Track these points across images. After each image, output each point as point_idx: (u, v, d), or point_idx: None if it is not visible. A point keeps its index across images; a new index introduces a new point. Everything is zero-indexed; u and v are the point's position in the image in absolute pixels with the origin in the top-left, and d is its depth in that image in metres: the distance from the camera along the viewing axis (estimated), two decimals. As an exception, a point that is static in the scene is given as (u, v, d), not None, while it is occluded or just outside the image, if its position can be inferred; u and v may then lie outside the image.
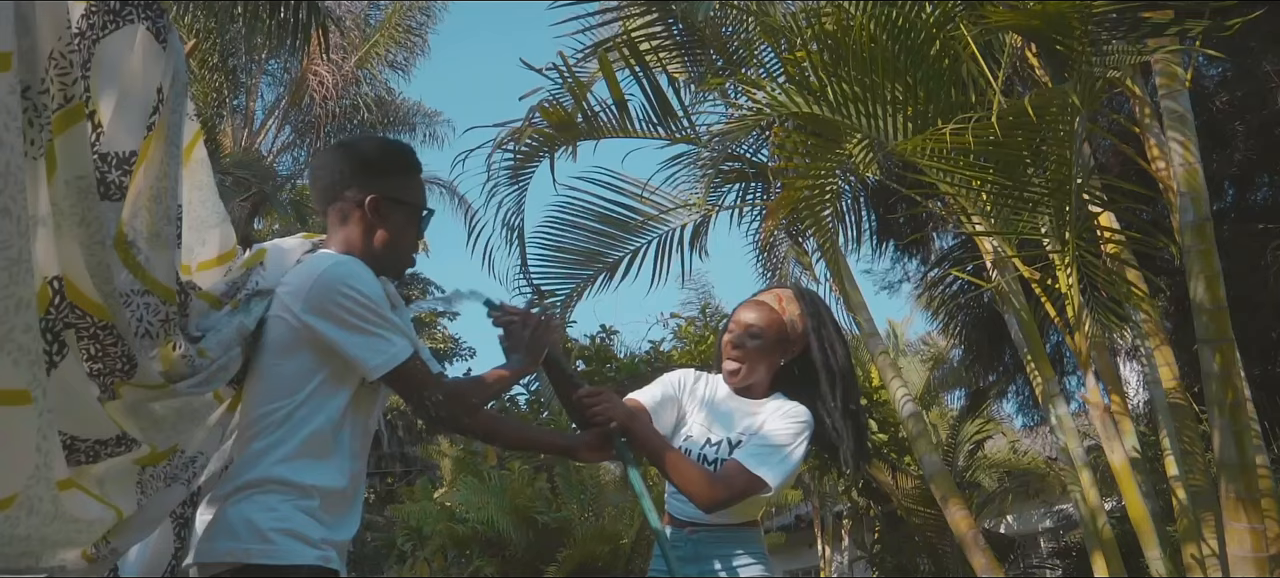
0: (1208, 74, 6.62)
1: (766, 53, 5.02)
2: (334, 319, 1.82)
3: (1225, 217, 6.70)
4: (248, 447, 1.82)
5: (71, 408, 1.56)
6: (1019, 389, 9.78)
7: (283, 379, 1.84)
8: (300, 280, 1.88)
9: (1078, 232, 3.69)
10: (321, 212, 2.03)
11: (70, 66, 1.44)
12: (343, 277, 1.85)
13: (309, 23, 6.64)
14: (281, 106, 16.42)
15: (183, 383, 1.73)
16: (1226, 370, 3.72)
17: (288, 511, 1.76)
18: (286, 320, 1.86)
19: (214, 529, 1.79)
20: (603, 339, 9.88)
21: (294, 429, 1.81)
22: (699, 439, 2.51)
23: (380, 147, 2.14)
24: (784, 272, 7.26)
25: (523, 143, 5.23)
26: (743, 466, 2.33)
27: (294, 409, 1.82)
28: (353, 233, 1.97)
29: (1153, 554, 4.10)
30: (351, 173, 1.98)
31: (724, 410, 2.52)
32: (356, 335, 1.83)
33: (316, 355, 1.85)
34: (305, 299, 1.84)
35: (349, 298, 1.83)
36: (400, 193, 2.00)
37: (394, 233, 1.98)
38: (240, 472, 1.81)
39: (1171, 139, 3.93)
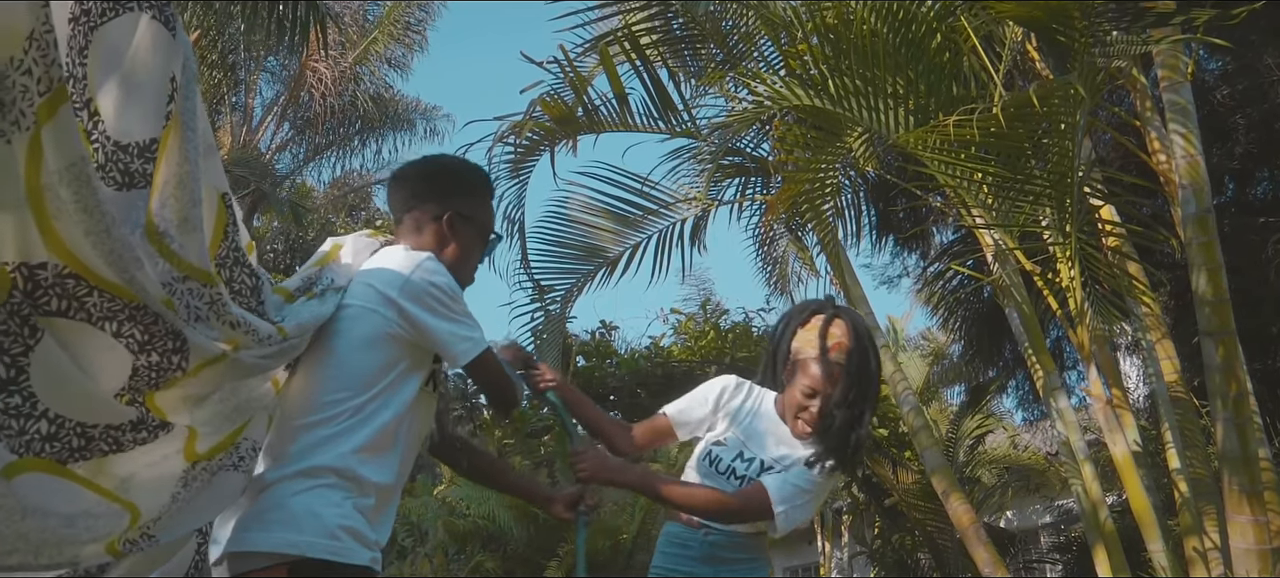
0: (1208, 68, 6.61)
1: (767, 46, 5.01)
2: (428, 306, 1.92)
3: (1225, 211, 6.69)
4: (311, 433, 1.83)
5: (65, 392, 1.52)
6: (1019, 384, 9.79)
7: (359, 371, 1.89)
8: (393, 271, 1.96)
9: (1079, 225, 3.69)
10: (397, 217, 2.15)
11: (49, 47, 1.39)
12: (436, 268, 1.97)
13: (307, 20, 6.63)
14: (280, 104, 16.40)
15: (248, 352, 1.72)
16: (1229, 363, 3.71)
17: (349, 509, 1.79)
18: (375, 312, 1.92)
19: (269, 516, 1.76)
20: (603, 335, 9.87)
21: (365, 421, 1.86)
22: (731, 450, 2.54)
23: (464, 167, 2.28)
24: (784, 266, 7.26)
25: (523, 137, 5.23)
26: (768, 498, 2.41)
27: (367, 401, 1.87)
28: (426, 242, 2.08)
29: (1155, 547, 4.10)
30: (434, 186, 2.13)
31: (764, 431, 2.56)
32: (448, 323, 1.94)
33: (399, 348, 1.92)
34: (402, 288, 1.92)
35: (442, 288, 1.94)
36: (475, 212, 2.15)
37: (463, 249, 2.12)
38: (302, 456, 1.81)
39: (1173, 132, 3.92)
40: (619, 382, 9.12)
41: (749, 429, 2.56)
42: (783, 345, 2.55)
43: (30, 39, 1.36)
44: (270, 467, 1.84)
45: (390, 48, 16.06)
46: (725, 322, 10.06)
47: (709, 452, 2.56)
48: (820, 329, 2.47)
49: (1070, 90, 3.13)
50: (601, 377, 9.14)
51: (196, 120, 1.65)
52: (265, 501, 1.79)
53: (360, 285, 1.97)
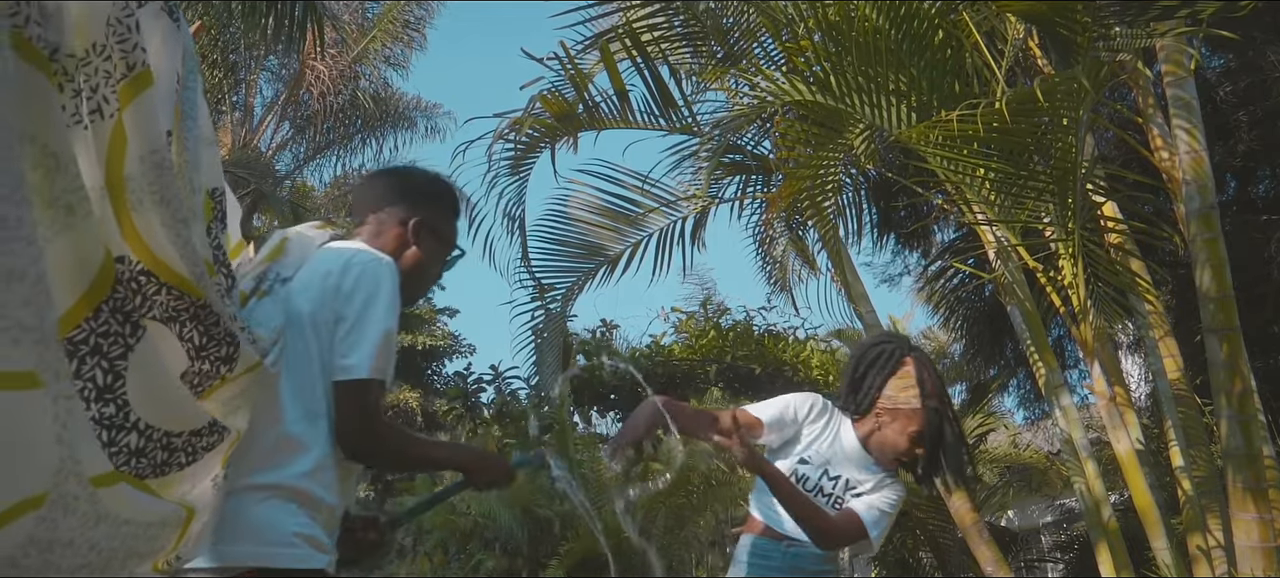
0: (1211, 66, 6.60)
1: (768, 43, 4.99)
2: (350, 302, 1.83)
3: (1228, 209, 6.66)
4: (265, 447, 1.75)
5: (155, 398, 1.47)
6: (1020, 383, 9.78)
7: (309, 381, 1.81)
8: (342, 260, 1.88)
9: (1082, 221, 3.67)
10: (359, 218, 2.08)
11: (129, 31, 1.36)
12: (390, 271, 1.88)
13: (304, 20, 6.61)
14: (280, 103, 16.39)
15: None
16: (1233, 360, 3.70)
17: (305, 519, 1.77)
18: (319, 308, 1.84)
19: (234, 528, 1.71)
20: (603, 334, 9.86)
21: (316, 439, 1.79)
22: (816, 468, 2.74)
23: (437, 181, 2.22)
24: (785, 265, 7.24)
25: (524, 133, 5.21)
26: (862, 525, 2.65)
27: (318, 416, 1.80)
28: (386, 244, 2.02)
29: (1158, 546, 4.08)
30: (402, 193, 2.08)
31: (847, 454, 2.76)
32: (354, 328, 1.81)
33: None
34: (342, 275, 1.84)
35: (381, 292, 1.84)
36: (441, 225, 2.10)
37: (423, 258, 2.06)
38: (256, 472, 1.75)
39: (1177, 127, 3.91)
40: (619, 380, 9.10)
41: (832, 451, 2.76)
42: (872, 388, 2.73)
43: (109, 24, 1.34)
44: (235, 476, 1.75)
45: (389, 46, 16.04)
46: (726, 321, 10.04)
47: (795, 471, 2.73)
48: (917, 378, 2.69)
49: (1074, 85, 3.12)
50: (602, 375, 9.13)
51: (197, 111, 1.62)
52: (225, 513, 1.71)
53: (306, 282, 1.88)
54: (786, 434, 2.80)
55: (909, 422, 2.68)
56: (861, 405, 2.76)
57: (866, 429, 2.76)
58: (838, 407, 2.84)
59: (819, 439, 2.77)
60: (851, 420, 2.80)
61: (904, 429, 2.69)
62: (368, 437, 1.85)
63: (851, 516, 2.66)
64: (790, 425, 2.78)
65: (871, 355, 2.79)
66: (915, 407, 2.68)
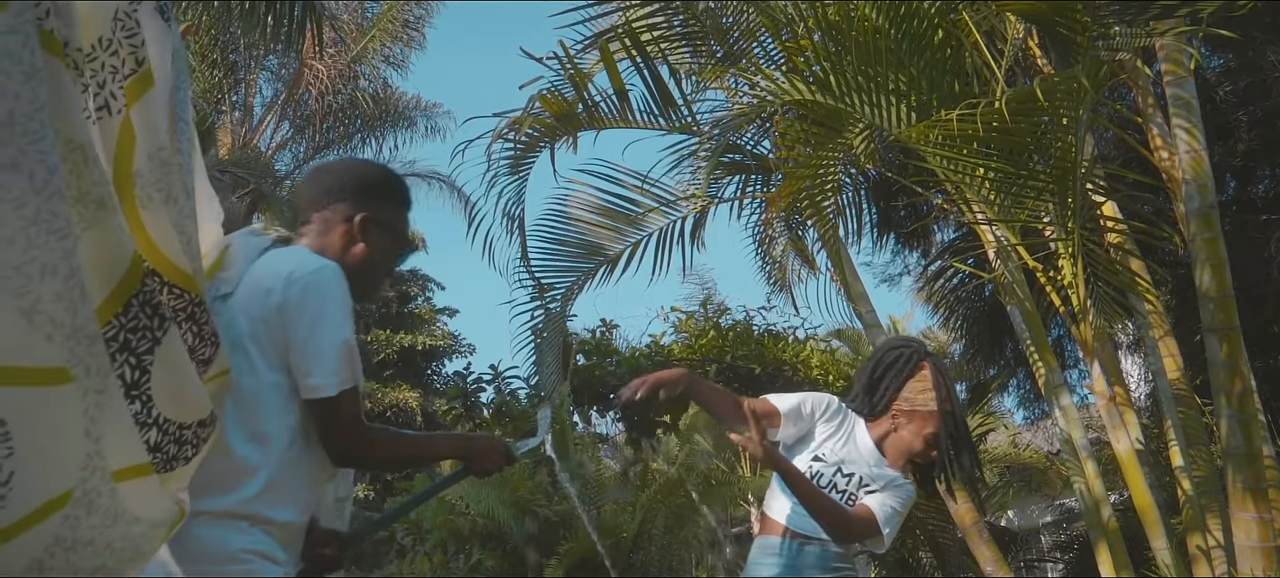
0: (1210, 65, 6.59)
1: (768, 43, 4.99)
2: (300, 315, 1.75)
3: (1227, 209, 6.66)
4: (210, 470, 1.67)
5: (179, 392, 1.46)
6: (1020, 383, 9.77)
7: (254, 400, 1.75)
8: (283, 271, 1.79)
9: (1082, 221, 3.67)
10: (305, 216, 2.00)
11: (135, 28, 1.34)
12: (335, 277, 1.80)
13: (304, 19, 6.61)
14: (279, 102, 16.38)
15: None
16: (1233, 359, 3.69)
17: (259, 534, 1.72)
18: (262, 322, 1.76)
19: (180, 551, 1.66)
20: (603, 333, 9.85)
21: (267, 460, 1.73)
22: (830, 466, 2.80)
23: (383, 173, 2.14)
24: (784, 265, 7.24)
25: (523, 133, 5.21)
26: (876, 521, 2.72)
27: (266, 436, 1.74)
28: (332, 242, 1.95)
29: (1158, 545, 4.08)
30: (347, 187, 1.99)
31: (861, 454, 2.83)
32: (315, 342, 1.75)
33: (279, 361, 1.77)
34: (285, 288, 1.76)
35: (331, 299, 1.77)
36: (390, 220, 2.02)
37: (372, 255, 1.97)
38: (210, 497, 1.67)
39: (1177, 126, 3.90)
40: (619, 380, 9.09)
41: (846, 450, 2.83)
42: (887, 390, 2.82)
43: (116, 19, 1.33)
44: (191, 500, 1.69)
45: (388, 45, 16.03)
46: (726, 321, 10.03)
47: (809, 467, 2.79)
48: (933, 383, 2.77)
49: (1074, 84, 3.11)
50: (602, 375, 9.11)
51: (187, 111, 1.62)
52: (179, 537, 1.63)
53: (247, 293, 1.79)
54: (801, 429, 2.86)
55: (924, 423, 2.77)
56: (878, 407, 2.84)
57: (882, 430, 2.84)
58: (851, 408, 2.90)
59: (833, 438, 2.84)
60: (866, 421, 2.87)
61: (919, 431, 2.78)
62: (354, 445, 1.82)
63: (866, 511, 2.74)
64: (806, 420, 2.85)
65: (889, 358, 2.87)
66: (932, 409, 2.76)
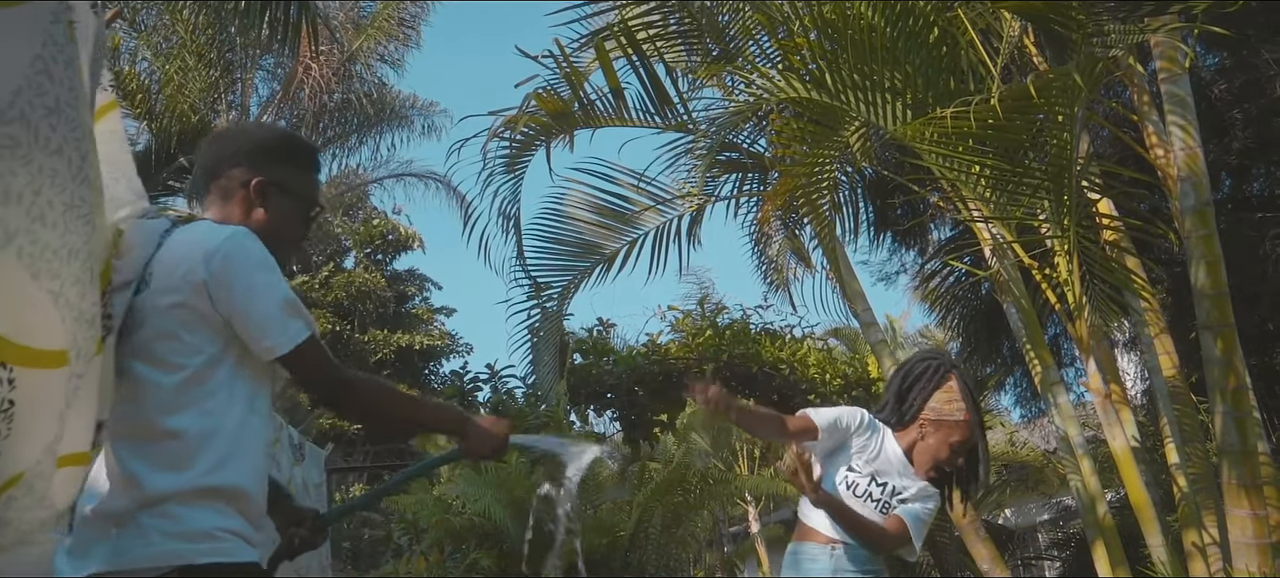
0: (1206, 63, 6.60)
1: (764, 41, 4.99)
2: (235, 283, 1.71)
3: (1222, 207, 6.66)
4: (154, 458, 1.65)
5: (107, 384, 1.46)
6: (1016, 382, 9.76)
7: (187, 380, 1.69)
8: (197, 246, 1.73)
9: (1077, 218, 3.67)
10: (204, 189, 1.93)
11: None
12: (247, 237, 1.76)
13: (299, 20, 6.60)
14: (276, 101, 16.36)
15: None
16: (1228, 357, 3.70)
17: (232, 512, 1.69)
18: (182, 305, 1.70)
19: (149, 527, 1.63)
20: (600, 332, 9.85)
21: (209, 436, 1.67)
22: (864, 476, 2.96)
23: (279, 135, 2.09)
24: (781, 263, 7.24)
25: (519, 131, 5.21)
26: (909, 530, 2.92)
27: (203, 414, 1.68)
28: (232, 211, 1.88)
29: (1154, 542, 4.09)
30: (242, 153, 1.91)
31: (892, 463, 2.98)
32: (258, 304, 1.72)
33: (221, 338, 1.72)
34: (206, 263, 1.70)
35: (253, 261, 1.73)
36: (290, 182, 1.94)
37: (275, 219, 1.89)
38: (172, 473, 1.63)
39: (1172, 124, 3.91)
40: (617, 379, 9.09)
41: (879, 460, 2.98)
42: (916, 400, 2.97)
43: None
44: (126, 491, 1.65)
45: (383, 43, 16.01)
46: (723, 319, 10.04)
47: (845, 478, 2.97)
48: (960, 394, 2.93)
49: (1068, 82, 3.12)
50: (599, 374, 9.11)
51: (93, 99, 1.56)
52: (141, 519, 1.63)
53: (166, 279, 1.72)
54: (837, 441, 3.00)
55: (951, 433, 2.93)
56: (906, 417, 2.99)
57: (909, 439, 2.99)
58: (879, 419, 3.04)
59: (866, 449, 2.99)
60: (894, 431, 3.02)
61: (946, 440, 2.93)
62: (331, 388, 1.81)
63: (898, 522, 2.93)
64: (841, 433, 2.99)
65: (918, 370, 3.02)
66: (958, 419, 2.92)
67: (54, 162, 1.22)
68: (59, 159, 1.22)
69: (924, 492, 2.98)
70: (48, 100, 1.22)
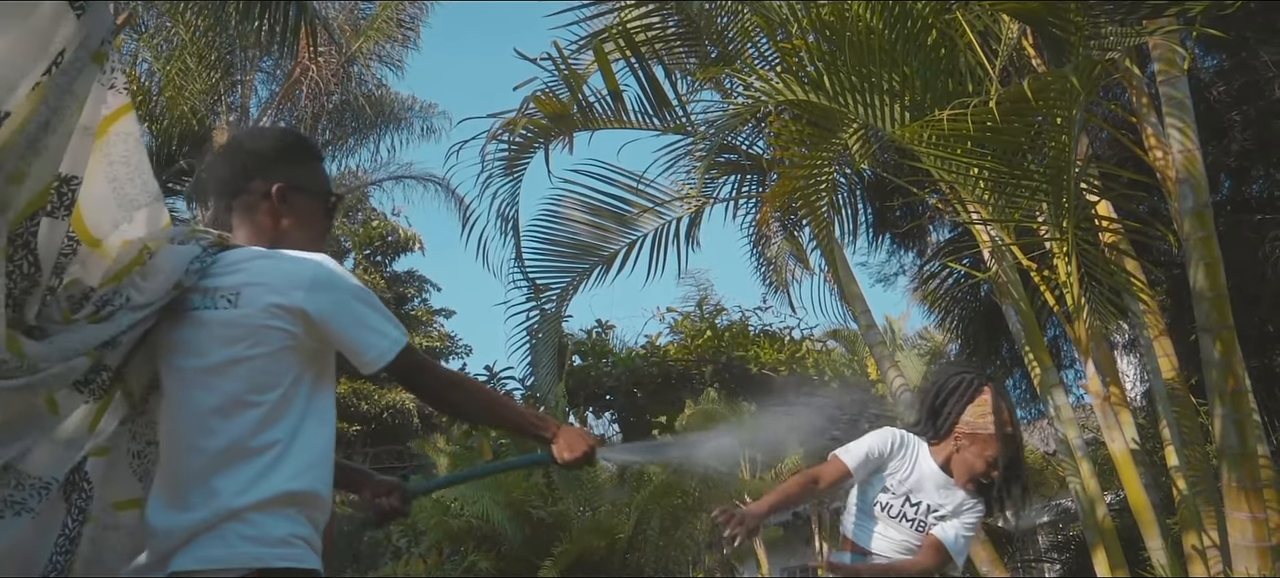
0: (1205, 65, 6.59)
1: (763, 43, 4.99)
2: (337, 308, 1.81)
3: (1222, 209, 6.65)
4: (237, 469, 1.73)
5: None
6: (1016, 383, 9.75)
7: (273, 396, 1.77)
8: (287, 274, 1.82)
9: (1076, 220, 3.67)
10: (225, 209, 1.98)
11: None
12: (336, 266, 1.86)
13: (298, 22, 6.61)
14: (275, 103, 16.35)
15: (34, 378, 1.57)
16: (1227, 358, 3.69)
17: (303, 520, 1.77)
18: (270, 327, 1.78)
19: (227, 531, 1.71)
20: (599, 334, 9.85)
21: (291, 447, 1.77)
22: (898, 496, 3.00)
23: (281, 137, 2.14)
24: (780, 264, 7.24)
25: (517, 133, 5.21)
26: (947, 550, 2.95)
27: (288, 428, 1.77)
28: (262, 222, 1.95)
29: (1153, 545, 4.08)
30: (252, 165, 1.97)
31: (927, 478, 3.01)
32: (361, 323, 1.85)
33: (304, 360, 1.81)
34: (307, 290, 1.79)
35: (351, 286, 1.85)
36: (305, 180, 2.01)
37: (300, 221, 1.98)
38: (255, 487, 1.72)
39: (1170, 126, 3.90)
40: (615, 381, 9.09)
41: (913, 479, 3.00)
42: (950, 414, 2.97)
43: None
44: (204, 502, 1.72)
45: (382, 44, 15.99)
46: (722, 321, 10.04)
47: (879, 499, 3.01)
48: (993, 407, 2.92)
49: (1066, 84, 3.11)
50: (598, 376, 9.11)
51: (67, 98, 1.57)
52: (222, 527, 1.71)
53: (250, 299, 1.80)
54: (872, 470, 3.03)
55: (986, 446, 2.92)
56: (941, 431, 2.99)
57: (945, 453, 2.99)
58: (914, 432, 3.06)
59: (900, 470, 3.01)
60: (930, 445, 3.03)
61: (981, 453, 2.92)
62: (433, 385, 1.96)
63: (936, 546, 2.95)
64: (875, 462, 3.02)
65: (952, 384, 3.02)
66: (992, 433, 2.91)
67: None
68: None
69: (963, 505, 2.98)
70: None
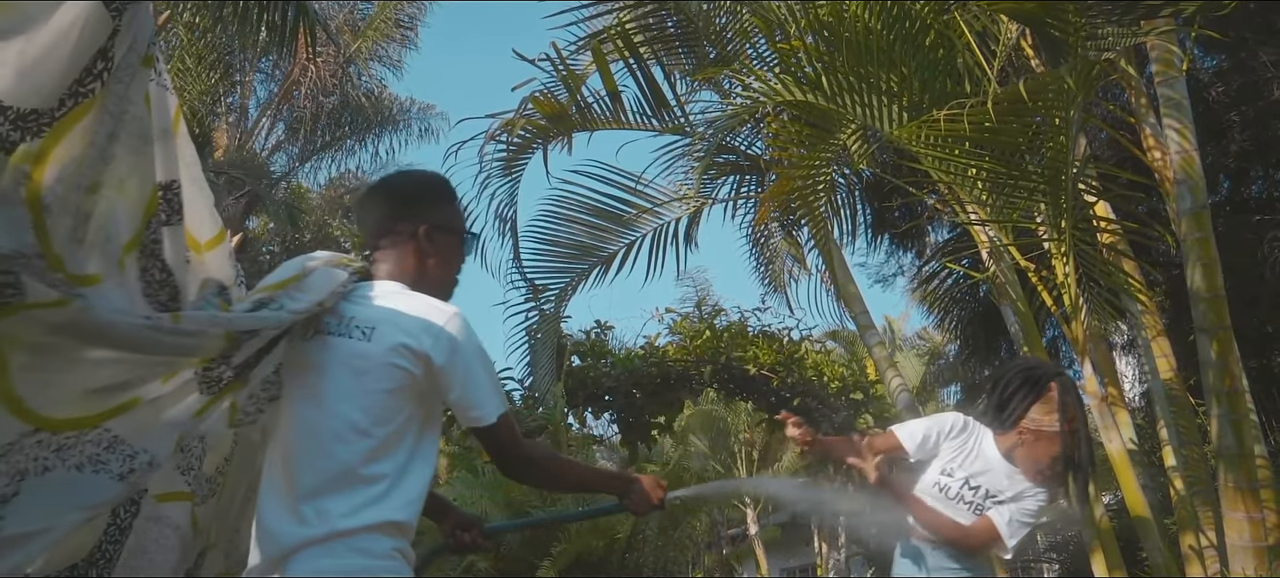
0: (1203, 66, 6.59)
1: (761, 44, 4.99)
2: (461, 362, 1.95)
3: (1221, 209, 6.66)
4: (352, 493, 1.87)
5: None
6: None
7: (389, 430, 1.91)
8: (418, 320, 1.95)
9: (1074, 221, 3.67)
10: (372, 245, 2.14)
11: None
12: (466, 323, 2.00)
13: (296, 23, 6.61)
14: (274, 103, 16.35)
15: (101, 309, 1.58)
16: (1224, 359, 3.70)
17: (402, 539, 1.93)
18: (395, 366, 1.91)
19: (335, 546, 1.85)
20: (598, 334, 9.84)
21: (400, 481, 1.91)
22: (958, 479, 3.01)
23: (421, 179, 2.28)
24: (778, 264, 7.24)
25: (516, 134, 5.21)
26: (997, 530, 2.95)
27: (401, 461, 1.92)
28: (407, 261, 2.10)
29: (1151, 545, 4.08)
30: (400, 207, 2.13)
31: (988, 464, 3.02)
32: (476, 382, 1.98)
33: (417, 400, 1.95)
34: (434, 340, 1.93)
35: (474, 346, 1.98)
36: (448, 219, 2.18)
37: (444, 258, 2.14)
38: (348, 516, 1.85)
39: (1168, 127, 3.91)
40: (614, 381, 9.07)
41: (974, 463, 3.02)
42: (1015, 411, 2.95)
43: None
44: (318, 521, 1.86)
45: (381, 44, 16.00)
46: (721, 321, 10.03)
47: (938, 481, 3.03)
48: (1060, 405, 2.90)
49: (1063, 84, 3.12)
50: (597, 376, 9.10)
51: (126, 105, 1.60)
52: (333, 543, 1.85)
53: (382, 335, 1.95)
54: (929, 451, 3.07)
55: (1051, 444, 2.91)
56: (1006, 424, 2.97)
57: (1009, 445, 2.99)
58: (979, 421, 3.07)
59: (960, 452, 3.03)
60: (995, 434, 3.03)
61: (1047, 450, 2.91)
62: (515, 461, 2.09)
63: (988, 523, 2.96)
64: (932, 445, 3.05)
65: (1017, 380, 3.00)
66: (1056, 432, 2.89)
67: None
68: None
69: (1025, 493, 2.98)
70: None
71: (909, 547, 3.11)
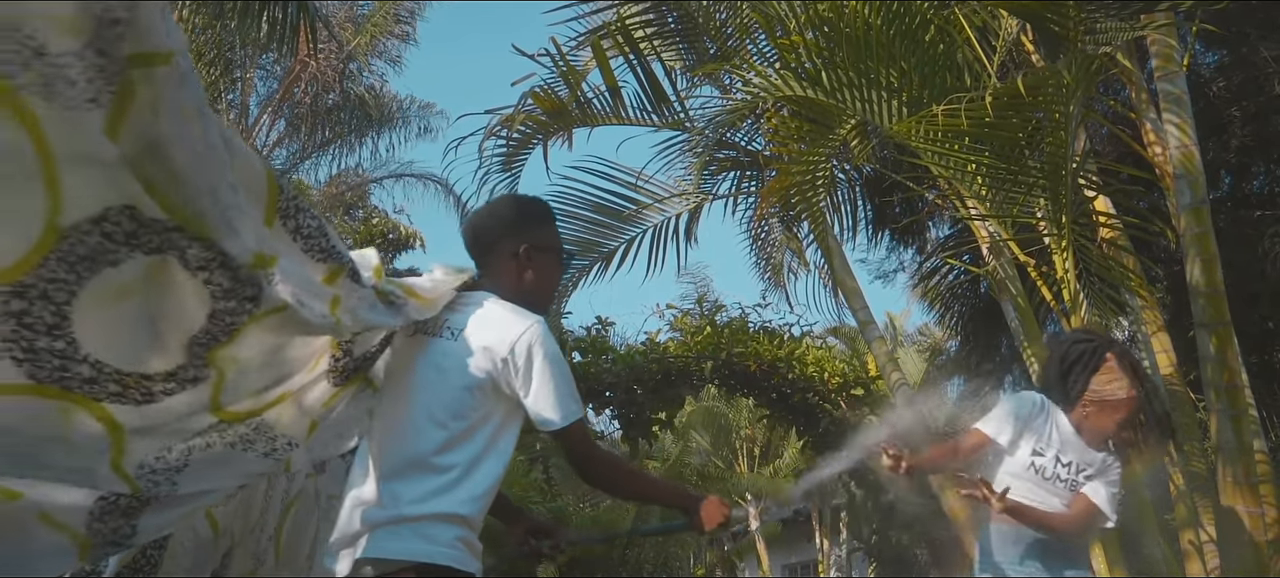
0: (1204, 61, 6.59)
1: (761, 39, 4.99)
2: (536, 369, 2.08)
3: (1222, 205, 6.65)
4: (426, 480, 2.01)
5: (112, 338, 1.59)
6: (1016, 379, 9.76)
7: (469, 425, 2.05)
8: (504, 330, 2.10)
9: (1074, 216, 3.67)
10: (479, 262, 2.32)
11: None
12: (545, 334, 2.13)
13: (297, 19, 6.61)
14: (275, 100, 16.35)
15: (306, 310, 1.75)
16: (1223, 354, 3.70)
17: (468, 529, 2.04)
18: (484, 372, 2.06)
19: (402, 531, 1.99)
20: (598, 331, 9.83)
21: (473, 473, 2.04)
22: (1049, 459, 3.07)
23: (521, 204, 2.49)
24: (778, 260, 7.24)
25: (515, 129, 5.21)
26: (1099, 509, 3.04)
27: (476, 454, 2.05)
28: (509, 277, 2.26)
29: (1151, 541, 4.08)
30: (502, 228, 2.30)
31: (1068, 439, 3.10)
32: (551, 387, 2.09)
33: (500, 403, 2.09)
34: (513, 347, 2.07)
35: (550, 354, 2.11)
36: (544, 239, 2.33)
37: (542, 275, 2.30)
38: (419, 502, 1.99)
39: (1168, 121, 3.90)
40: (615, 377, 9.08)
41: (1058, 439, 3.10)
42: (1077, 383, 3.06)
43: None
44: (390, 504, 2.02)
45: (380, 41, 16.00)
46: (722, 317, 10.02)
47: (1031, 463, 3.08)
48: (1119, 370, 3.00)
49: (1062, 79, 3.12)
50: (598, 373, 9.10)
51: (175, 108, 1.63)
52: (400, 528, 2.00)
53: (472, 346, 2.10)
54: (1017, 434, 3.12)
55: (1116, 411, 3.00)
56: (1071, 398, 3.07)
57: (1077, 418, 3.08)
58: (1049, 398, 3.14)
59: (1044, 432, 3.10)
60: (1064, 410, 3.11)
61: (1112, 417, 3.01)
62: (586, 464, 2.20)
63: (1087, 505, 3.04)
64: (1016, 428, 3.11)
65: (1074, 353, 3.10)
66: (1120, 398, 2.99)
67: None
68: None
69: (1105, 465, 3.06)
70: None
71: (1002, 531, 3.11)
